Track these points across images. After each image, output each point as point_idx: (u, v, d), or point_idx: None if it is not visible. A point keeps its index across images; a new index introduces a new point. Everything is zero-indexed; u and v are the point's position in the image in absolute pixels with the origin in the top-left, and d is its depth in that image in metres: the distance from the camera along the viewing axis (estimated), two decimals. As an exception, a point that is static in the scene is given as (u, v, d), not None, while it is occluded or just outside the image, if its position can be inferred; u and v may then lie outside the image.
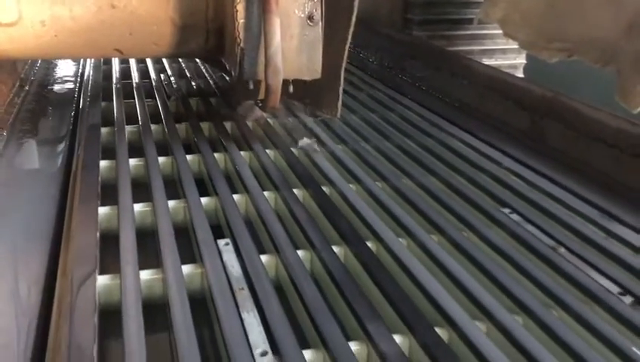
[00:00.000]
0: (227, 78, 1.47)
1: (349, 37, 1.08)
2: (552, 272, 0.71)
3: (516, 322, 0.62)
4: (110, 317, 0.65)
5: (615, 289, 0.67)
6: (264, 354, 0.56)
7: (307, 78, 1.03)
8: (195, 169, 1.00)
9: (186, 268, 0.70)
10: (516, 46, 1.71)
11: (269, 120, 1.18)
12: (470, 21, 1.82)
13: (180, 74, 1.55)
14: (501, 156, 1.05)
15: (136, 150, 1.04)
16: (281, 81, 0.97)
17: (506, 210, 0.85)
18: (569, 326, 0.61)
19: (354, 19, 1.06)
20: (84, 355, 0.57)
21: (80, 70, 1.57)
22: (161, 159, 0.99)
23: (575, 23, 1.33)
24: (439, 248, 0.75)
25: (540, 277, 0.69)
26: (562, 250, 0.75)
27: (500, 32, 1.62)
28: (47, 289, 0.73)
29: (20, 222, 0.87)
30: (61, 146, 1.09)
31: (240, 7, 0.96)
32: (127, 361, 0.55)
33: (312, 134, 1.11)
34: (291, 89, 1.02)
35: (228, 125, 1.16)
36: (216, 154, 1.02)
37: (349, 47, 1.09)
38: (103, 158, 0.99)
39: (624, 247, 0.76)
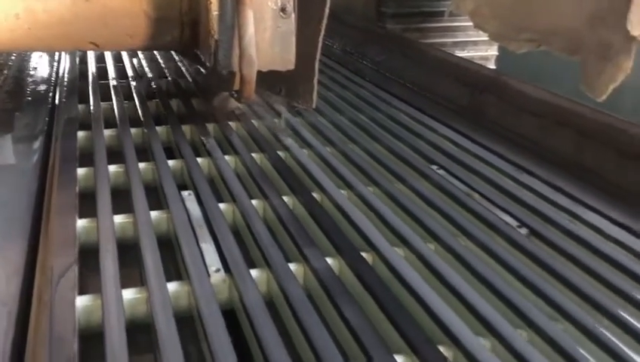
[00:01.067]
0: (203, 71, 1.49)
1: (323, 29, 1.10)
2: (464, 211, 0.85)
3: (429, 249, 0.75)
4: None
5: (514, 223, 0.81)
6: (217, 270, 0.70)
7: (281, 68, 1.05)
8: (163, 138, 1.12)
9: (154, 213, 0.83)
10: (487, 38, 1.75)
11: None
12: (442, 14, 1.86)
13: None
14: (441, 126, 1.19)
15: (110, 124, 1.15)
16: (256, 72, 0.99)
17: (434, 167, 1.00)
18: (475, 253, 0.74)
19: (327, 11, 1.08)
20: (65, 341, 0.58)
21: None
22: (133, 130, 1.12)
23: (542, 14, 1.36)
24: (375, 197, 0.89)
25: (452, 216, 0.83)
26: (476, 195, 0.90)
27: (471, 24, 1.65)
28: (26, 280, 0.74)
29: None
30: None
31: (214, 0, 0.98)
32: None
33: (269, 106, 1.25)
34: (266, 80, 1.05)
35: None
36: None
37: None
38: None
39: (528, 192, 0.91)
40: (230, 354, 0.56)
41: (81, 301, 0.65)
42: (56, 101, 1.28)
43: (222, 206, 0.85)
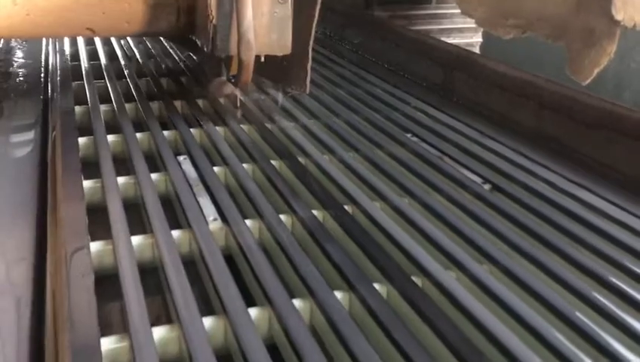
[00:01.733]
0: (195, 58, 1.50)
1: (316, 15, 1.12)
2: (436, 172, 0.95)
3: (403, 202, 0.85)
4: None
5: (479, 180, 0.93)
6: (215, 219, 0.79)
7: (278, 53, 1.07)
8: (155, 112, 1.19)
9: (154, 176, 0.92)
10: (473, 25, 1.79)
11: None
12: (429, 1, 1.89)
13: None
14: (415, 101, 1.29)
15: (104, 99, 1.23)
16: (254, 57, 1.01)
17: (409, 135, 1.10)
18: (445, 206, 0.85)
19: (320, -3, 1.10)
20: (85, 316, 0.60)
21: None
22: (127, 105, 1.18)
23: (528, 1, 1.40)
24: (354, 161, 0.98)
25: (425, 176, 0.93)
26: (446, 158, 1.00)
27: (458, 11, 1.69)
28: (38, 261, 0.76)
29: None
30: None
31: (212, -15, 0.99)
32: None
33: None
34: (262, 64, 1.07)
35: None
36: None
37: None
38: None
39: (492, 155, 1.02)
40: (234, 291, 0.64)
41: (95, 246, 0.73)
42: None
43: (215, 168, 0.94)
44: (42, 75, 1.45)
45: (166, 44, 1.67)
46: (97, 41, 1.67)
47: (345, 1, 2.05)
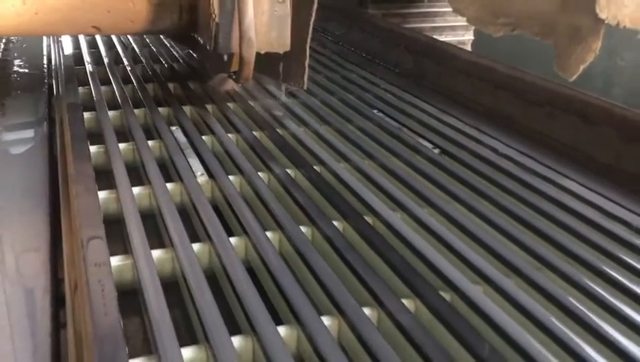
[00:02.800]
0: (195, 55, 1.54)
1: (313, 14, 1.16)
2: (394, 140, 1.09)
3: (364, 164, 0.97)
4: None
5: (431, 146, 1.08)
6: (202, 174, 0.94)
7: (277, 50, 1.11)
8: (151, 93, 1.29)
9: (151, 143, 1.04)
10: (464, 23, 1.83)
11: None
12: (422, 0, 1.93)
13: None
14: (386, 84, 1.41)
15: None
16: (255, 54, 1.05)
17: (375, 110, 1.24)
18: (399, 168, 0.97)
19: (318, -4, 1.15)
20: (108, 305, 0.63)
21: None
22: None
23: (518, 0, 1.45)
24: (326, 132, 1.11)
25: (385, 143, 1.07)
26: (405, 129, 1.15)
27: (450, 9, 1.73)
28: (53, 251, 0.80)
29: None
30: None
31: (214, -15, 1.03)
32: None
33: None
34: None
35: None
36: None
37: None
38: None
39: (446, 127, 1.15)
40: (220, 230, 0.76)
41: (102, 194, 0.86)
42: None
43: (203, 137, 1.07)
44: (45, 70, 1.49)
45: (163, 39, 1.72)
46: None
47: (339, 0, 2.09)
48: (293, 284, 0.67)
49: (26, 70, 1.49)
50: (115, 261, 0.72)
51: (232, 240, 0.76)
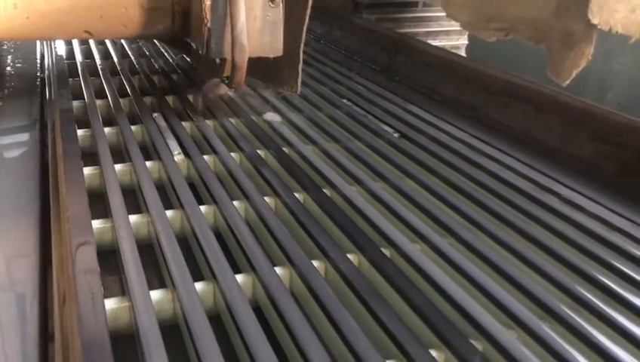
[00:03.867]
0: (188, 59, 1.53)
1: (307, 18, 1.16)
2: (358, 125, 1.18)
3: (330, 147, 1.06)
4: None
5: (391, 130, 1.17)
6: (179, 153, 1.02)
7: (270, 55, 1.11)
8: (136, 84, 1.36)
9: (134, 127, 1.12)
10: (458, 28, 1.84)
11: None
12: (416, 4, 1.94)
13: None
14: (360, 78, 1.50)
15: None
16: (247, 59, 1.05)
17: (345, 100, 1.33)
18: (362, 150, 1.06)
19: (311, 1, 1.15)
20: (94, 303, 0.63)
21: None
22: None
23: (511, 4, 1.45)
24: (299, 120, 1.19)
25: (350, 127, 1.16)
26: (370, 116, 1.24)
27: (444, 14, 1.74)
28: (42, 254, 0.80)
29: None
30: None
31: (206, -10, 1.03)
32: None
33: None
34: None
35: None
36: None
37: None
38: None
39: (408, 115, 1.24)
40: (190, 197, 0.84)
41: (87, 169, 0.94)
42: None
43: (183, 123, 1.15)
44: (38, 73, 1.49)
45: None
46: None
47: (332, 4, 2.10)
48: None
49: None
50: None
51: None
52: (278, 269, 0.71)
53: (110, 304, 0.65)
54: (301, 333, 0.59)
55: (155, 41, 1.70)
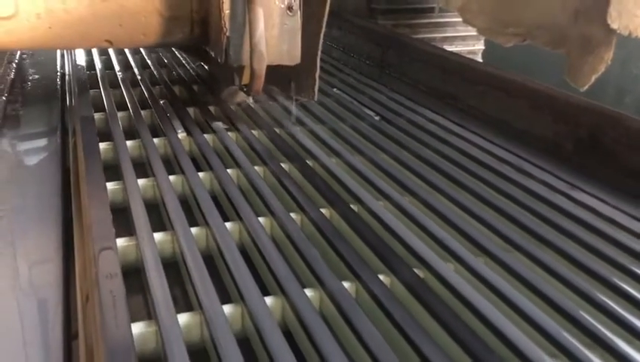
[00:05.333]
0: (206, 67, 1.55)
1: (324, 26, 1.17)
2: (344, 110, 1.31)
3: (317, 128, 1.19)
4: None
5: (373, 114, 1.29)
6: (182, 132, 1.13)
7: (288, 63, 1.12)
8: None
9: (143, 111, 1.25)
10: (475, 33, 1.83)
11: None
12: (432, 10, 1.93)
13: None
14: (352, 72, 1.64)
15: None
16: (265, 67, 1.06)
17: (334, 89, 1.46)
18: (347, 131, 1.19)
19: (327, 9, 1.15)
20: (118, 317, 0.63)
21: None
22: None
23: (528, 10, 1.45)
24: (291, 106, 1.28)
25: (337, 111, 1.28)
26: (355, 102, 1.37)
27: (460, 19, 1.73)
28: (65, 261, 0.81)
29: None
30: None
31: (225, -1, 1.04)
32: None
33: None
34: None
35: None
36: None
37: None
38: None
39: (391, 102, 1.37)
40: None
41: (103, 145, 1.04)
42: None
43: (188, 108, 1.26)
44: (59, 81, 1.51)
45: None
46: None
47: (348, 11, 2.10)
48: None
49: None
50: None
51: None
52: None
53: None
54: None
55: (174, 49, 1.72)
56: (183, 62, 1.67)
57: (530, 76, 1.29)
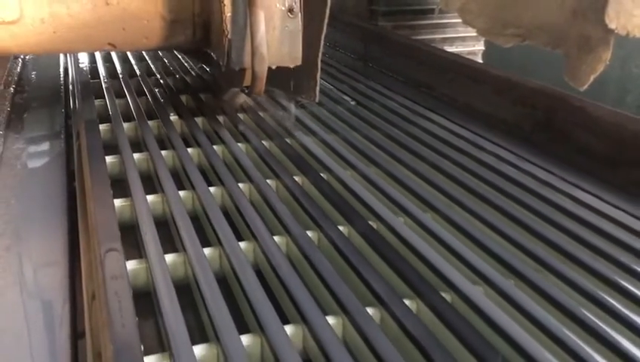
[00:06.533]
0: (208, 69, 1.56)
1: (324, 27, 1.18)
2: (324, 96, 1.38)
3: (299, 112, 1.29)
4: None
5: (350, 99, 1.43)
6: (174, 115, 1.26)
7: (289, 65, 1.13)
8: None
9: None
10: (474, 34, 1.84)
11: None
12: (432, 11, 1.95)
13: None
14: (339, 65, 1.76)
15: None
16: (267, 69, 1.07)
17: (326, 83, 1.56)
18: (325, 114, 1.31)
19: (328, 11, 1.17)
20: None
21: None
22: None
23: (527, 10, 1.46)
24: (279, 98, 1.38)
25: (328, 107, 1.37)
26: (334, 89, 1.49)
27: (460, 20, 1.74)
28: (71, 261, 0.82)
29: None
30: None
31: (227, 2, 1.06)
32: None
33: None
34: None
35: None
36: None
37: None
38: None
39: (368, 89, 1.51)
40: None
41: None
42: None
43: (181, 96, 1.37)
44: (62, 84, 1.52)
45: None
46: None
47: (349, 12, 2.12)
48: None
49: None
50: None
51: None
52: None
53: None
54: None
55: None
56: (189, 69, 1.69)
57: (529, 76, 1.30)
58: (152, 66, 1.66)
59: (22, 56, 1.69)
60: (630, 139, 0.99)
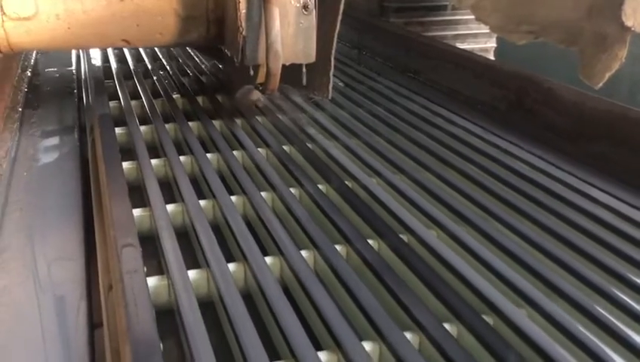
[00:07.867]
0: (220, 66, 1.56)
1: (338, 25, 1.18)
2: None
3: (294, 94, 1.36)
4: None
5: (342, 84, 1.51)
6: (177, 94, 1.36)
7: (303, 62, 1.13)
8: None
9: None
10: (487, 30, 1.83)
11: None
12: (444, 8, 1.94)
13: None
14: (344, 61, 1.80)
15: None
16: (281, 65, 1.07)
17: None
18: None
19: (342, 7, 1.16)
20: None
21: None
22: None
23: (541, 7, 1.45)
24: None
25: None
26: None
27: (472, 17, 1.74)
28: (87, 257, 0.82)
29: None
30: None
31: (241, -1, 1.05)
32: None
33: None
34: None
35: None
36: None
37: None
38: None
39: (361, 75, 1.59)
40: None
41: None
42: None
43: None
44: (74, 77, 1.53)
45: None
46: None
47: (360, 8, 2.11)
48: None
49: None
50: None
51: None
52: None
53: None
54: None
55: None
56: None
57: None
58: (166, 66, 1.66)
59: (34, 53, 1.70)
60: (588, 116, 1.10)
